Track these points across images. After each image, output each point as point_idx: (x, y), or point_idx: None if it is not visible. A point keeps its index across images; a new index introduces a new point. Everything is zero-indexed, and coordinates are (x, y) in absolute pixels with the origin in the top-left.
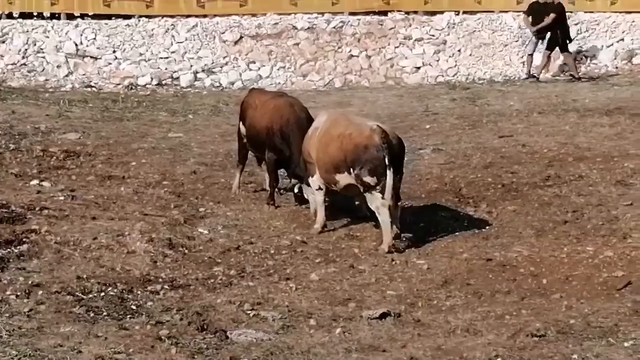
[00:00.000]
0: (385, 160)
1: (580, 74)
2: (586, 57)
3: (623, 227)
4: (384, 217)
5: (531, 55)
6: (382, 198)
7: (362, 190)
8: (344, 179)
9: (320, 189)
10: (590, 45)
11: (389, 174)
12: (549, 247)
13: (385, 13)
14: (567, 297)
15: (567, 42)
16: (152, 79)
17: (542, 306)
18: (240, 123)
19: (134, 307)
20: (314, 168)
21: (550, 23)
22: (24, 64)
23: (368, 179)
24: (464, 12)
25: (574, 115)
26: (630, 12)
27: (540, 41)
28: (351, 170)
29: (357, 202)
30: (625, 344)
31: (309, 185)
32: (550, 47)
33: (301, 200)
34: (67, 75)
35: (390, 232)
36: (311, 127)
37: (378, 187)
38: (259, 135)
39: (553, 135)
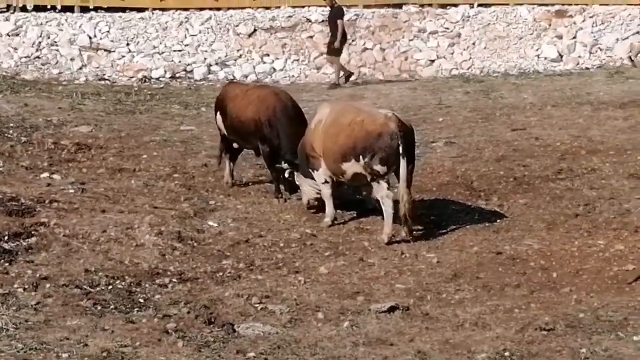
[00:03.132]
0: (399, 149)
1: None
2: (601, 50)
3: (635, 221)
4: (387, 207)
5: None
6: (389, 189)
7: (369, 179)
8: (351, 167)
9: (326, 182)
10: (605, 38)
11: (403, 163)
12: (559, 240)
13: (399, 6)
14: (577, 290)
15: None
16: (165, 72)
17: (552, 300)
18: (219, 116)
19: (141, 301)
20: (319, 162)
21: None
22: (38, 57)
23: (378, 168)
24: (479, 5)
25: (587, 108)
26: None
27: None
28: (360, 158)
29: (364, 193)
30: (635, 338)
31: (306, 176)
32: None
33: (291, 186)
34: (80, 68)
35: (392, 223)
36: (314, 120)
37: (386, 177)
38: (244, 127)
39: (566, 128)
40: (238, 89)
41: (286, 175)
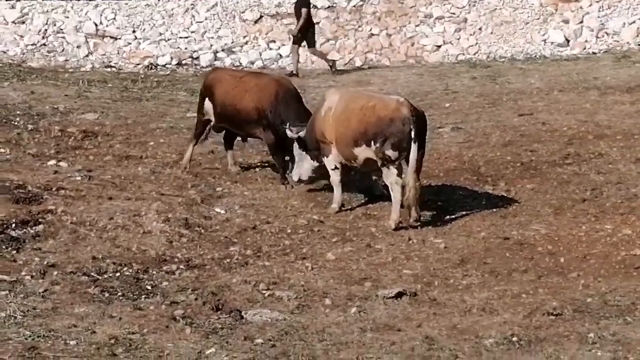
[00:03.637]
0: (411, 134)
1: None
2: (608, 34)
3: None
4: (396, 193)
5: None
6: (398, 175)
7: (379, 164)
8: (363, 152)
9: (336, 168)
10: (612, 22)
11: (414, 149)
12: (567, 225)
13: None
14: (585, 275)
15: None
16: (171, 58)
17: (559, 285)
18: (208, 102)
19: (149, 287)
20: (330, 148)
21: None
22: (44, 45)
23: (390, 153)
24: None
25: (594, 92)
26: None
27: None
28: (372, 143)
29: (374, 178)
30: None
31: (311, 157)
32: (297, 42)
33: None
34: (86, 56)
35: (399, 209)
36: (323, 107)
37: (397, 162)
38: (240, 115)
39: (573, 113)
40: (228, 75)
41: (288, 134)
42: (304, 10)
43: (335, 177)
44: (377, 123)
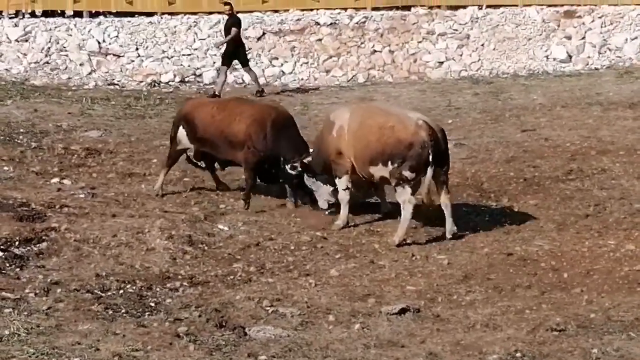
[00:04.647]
0: (429, 157)
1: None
2: (610, 50)
3: None
4: (406, 212)
5: None
6: (412, 194)
7: (393, 183)
8: (379, 171)
9: (347, 188)
10: (615, 38)
11: (430, 171)
12: (570, 241)
13: (408, 8)
14: (588, 291)
15: (246, 55)
16: (174, 76)
17: (563, 300)
18: (182, 130)
19: (152, 304)
20: (344, 168)
21: (234, 37)
22: (47, 63)
23: (407, 174)
24: (487, 6)
25: (597, 108)
26: None
27: None
28: (389, 163)
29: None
30: None
31: (324, 182)
32: (226, 63)
33: (312, 198)
34: (89, 73)
35: (406, 227)
36: (334, 128)
37: (412, 182)
38: (226, 140)
39: (576, 128)
40: (210, 103)
41: (292, 172)
42: (233, 30)
43: (344, 197)
44: (396, 145)
